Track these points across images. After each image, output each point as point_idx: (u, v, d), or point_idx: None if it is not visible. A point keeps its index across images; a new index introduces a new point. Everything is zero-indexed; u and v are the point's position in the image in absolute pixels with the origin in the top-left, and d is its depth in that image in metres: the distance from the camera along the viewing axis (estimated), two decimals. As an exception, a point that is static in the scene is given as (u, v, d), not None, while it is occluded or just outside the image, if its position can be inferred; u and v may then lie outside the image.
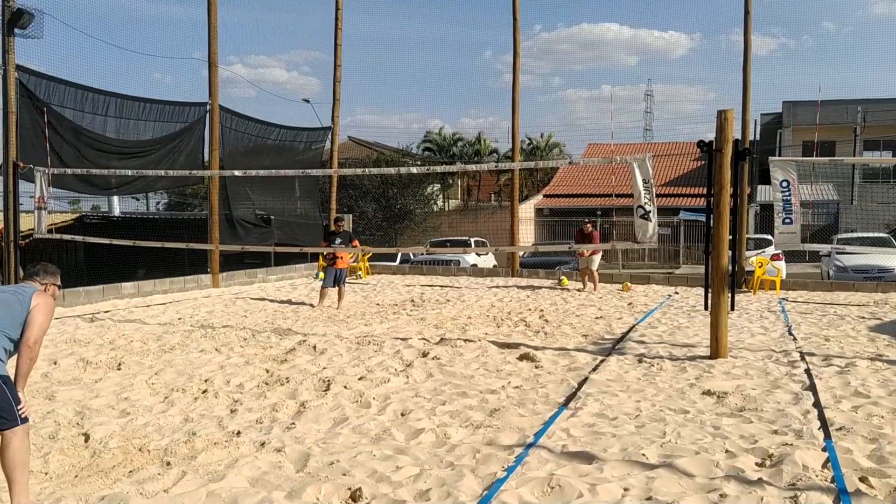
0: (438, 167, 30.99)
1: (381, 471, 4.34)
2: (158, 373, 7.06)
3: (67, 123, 12.81)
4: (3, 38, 11.19)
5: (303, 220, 20.01)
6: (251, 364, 7.47)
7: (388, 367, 7.24)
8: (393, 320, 10.64)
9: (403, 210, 32.19)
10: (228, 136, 16.21)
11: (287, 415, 5.65)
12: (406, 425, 5.28)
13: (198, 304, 12.55)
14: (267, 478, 4.25)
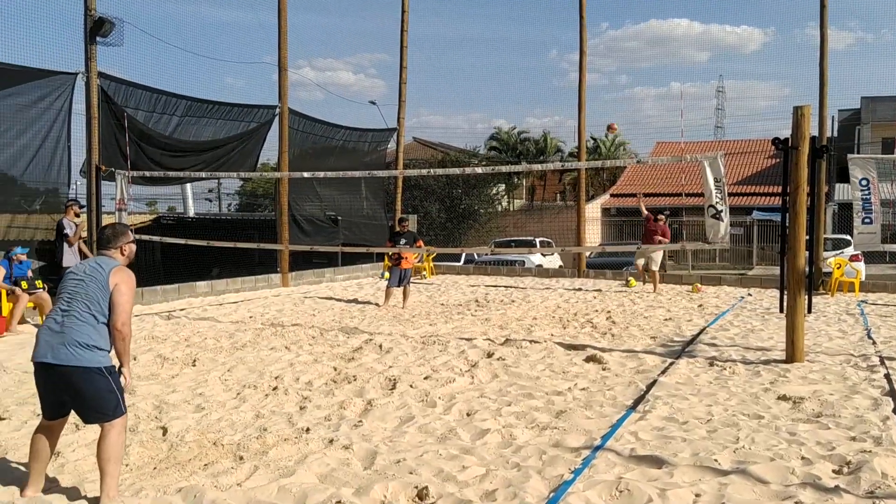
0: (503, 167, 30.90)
1: (447, 470, 4.35)
2: (231, 369, 7.26)
3: (143, 126, 13.27)
4: (86, 46, 11.70)
5: (369, 221, 20.27)
6: (319, 362, 7.60)
7: (453, 367, 7.27)
8: (457, 320, 10.67)
9: (468, 210, 32.23)
10: (296, 137, 16.54)
11: (354, 413, 5.74)
12: (471, 425, 5.29)
13: (268, 303, 12.85)
14: (335, 474, 4.32)
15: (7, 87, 11.11)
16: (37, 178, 11.96)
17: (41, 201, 12.14)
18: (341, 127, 18.85)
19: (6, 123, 11.37)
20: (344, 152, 19.00)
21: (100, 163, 12.11)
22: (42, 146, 11.68)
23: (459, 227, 31.80)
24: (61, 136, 11.85)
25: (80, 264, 4.18)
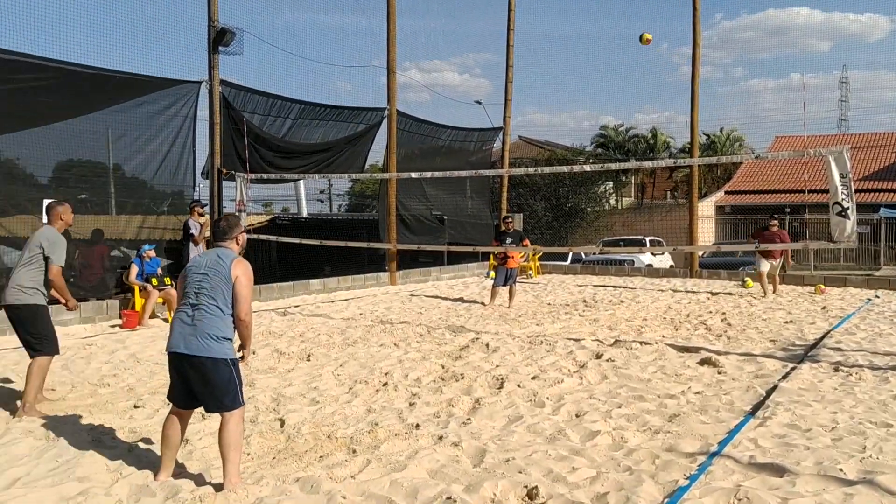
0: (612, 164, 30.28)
1: (556, 471, 4.32)
2: (343, 365, 7.48)
3: (258, 130, 13.84)
4: (209, 56, 12.35)
5: (474, 220, 20.36)
6: (427, 359, 7.71)
7: (561, 368, 7.20)
8: (565, 320, 10.57)
9: (575, 209, 31.80)
10: (403, 138, 16.82)
11: (462, 410, 5.79)
12: (581, 426, 5.23)
13: (377, 301, 13.15)
14: (445, 470, 4.37)
15: (139, 97, 11.87)
16: (165, 182, 12.72)
17: (168, 203, 12.91)
18: (447, 127, 19.05)
19: (138, 130, 12.17)
20: (450, 152, 19.18)
21: (221, 166, 12.74)
22: (170, 151, 12.42)
23: (566, 226, 31.41)
24: (187, 141, 12.56)
25: (200, 258, 4.39)
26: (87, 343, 8.93)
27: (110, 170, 12.74)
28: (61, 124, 11.42)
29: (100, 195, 12.74)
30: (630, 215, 35.44)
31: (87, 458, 4.60)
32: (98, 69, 11.02)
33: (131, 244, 11.91)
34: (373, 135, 16.50)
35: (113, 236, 12.30)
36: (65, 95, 11.00)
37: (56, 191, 11.26)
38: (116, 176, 12.73)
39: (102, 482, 4.23)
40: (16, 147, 11.30)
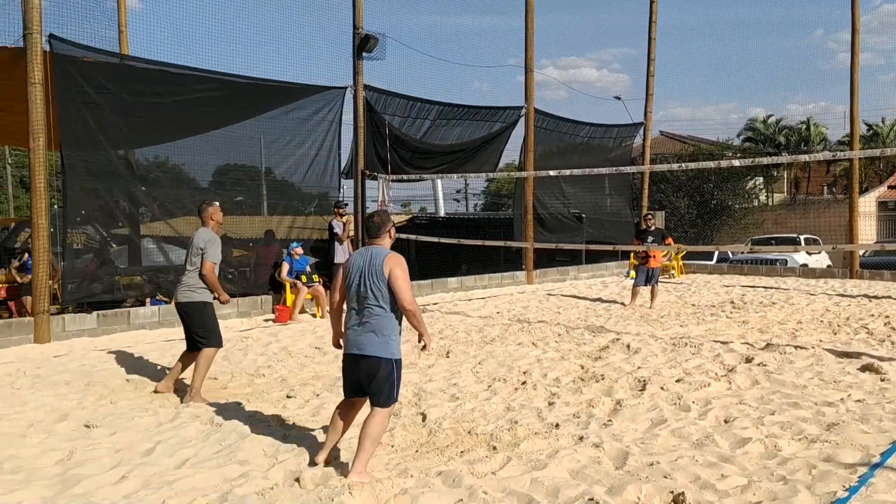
0: (763, 158, 28.68)
1: (704, 477, 4.17)
2: (481, 362, 7.56)
3: (398, 132, 14.22)
4: (354, 62, 12.84)
5: (613, 218, 19.95)
6: (566, 359, 7.64)
7: (707, 371, 6.92)
8: (711, 322, 10.14)
9: (720, 205, 30.36)
10: (540, 135, 16.73)
11: (603, 411, 5.69)
12: (730, 433, 5.01)
13: (514, 300, 13.17)
14: (586, 471, 4.32)
15: (289, 104, 12.54)
16: (312, 184, 13.36)
17: (315, 204, 13.54)
18: (585, 124, 18.77)
19: (288, 136, 12.86)
20: (588, 149, 18.88)
21: (364, 168, 13.22)
22: (317, 155, 13.03)
23: (711, 224, 30.06)
24: (333, 144, 13.13)
25: (356, 257, 4.52)
26: (244, 336, 9.54)
27: (262, 173, 13.55)
28: (220, 131, 12.26)
29: (253, 197, 13.58)
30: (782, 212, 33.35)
31: (246, 443, 4.93)
32: (254, 79, 11.74)
33: (282, 243, 12.61)
34: (509, 133, 16.53)
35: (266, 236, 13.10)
36: (224, 104, 11.80)
37: (215, 193, 12.11)
38: (268, 179, 13.53)
39: (260, 466, 4.51)
40: (181, 153, 12.28)
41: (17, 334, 8.92)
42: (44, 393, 6.50)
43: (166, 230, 11.90)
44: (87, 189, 10.44)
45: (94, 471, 4.46)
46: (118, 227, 11.89)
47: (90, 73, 9.93)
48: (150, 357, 8.13)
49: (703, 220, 29.96)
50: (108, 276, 11.02)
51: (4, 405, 6.07)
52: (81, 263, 11.19)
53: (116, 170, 11.00)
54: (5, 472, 4.50)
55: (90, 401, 6.21)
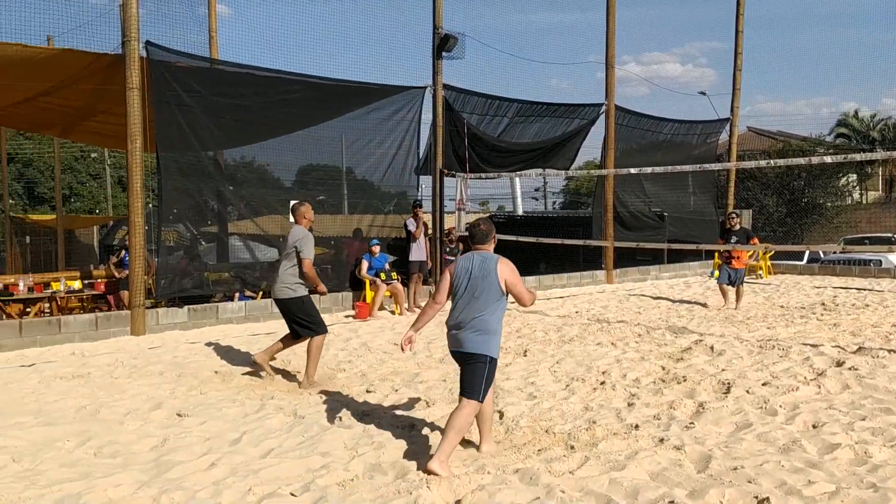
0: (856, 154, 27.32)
1: (790, 483, 4.03)
2: (559, 362, 7.51)
3: (475, 130, 14.24)
4: (433, 61, 12.94)
5: (697, 217, 19.43)
6: (646, 360, 7.52)
7: (795, 375, 6.68)
8: (800, 324, 9.76)
9: (811, 204, 29.13)
10: (620, 133, 16.46)
11: (685, 414, 5.58)
12: (818, 438, 4.82)
13: (593, 299, 13.02)
14: (667, 474, 4.25)
15: (370, 104, 12.75)
16: (391, 183, 13.55)
17: (394, 203, 13.73)
18: (668, 120, 18.34)
19: (369, 135, 13.09)
20: (671, 146, 18.44)
21: (443, 166, 13.31)
22: (396, 154, 13.21)
23: (801, 223, 28.86)
24: (412, 144, 13.27)
25: (463, 262, 4.76)
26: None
27: (343, 172, 13.84)
28: (304, 132, 12.60)
29: (335, 196, 13.88)
30: (877, 211, 31.76)
31: (328, 435, 5.07)
32: (336, 80, 11.99)
33: (362, 241, 12.85)
34: (587, 131, 16.30)
35: (346, 234, 13.39)
36: (308, 106, 12.11)
37: (298, 193, 12.45)
38: (349, 178, 13.80)
39: (341, 458, 4.63)
40: (267, 154, 12.69)
41: (115, 326, 9.41)
42: (140, 382, 6.85)
43: (252, 228, 12.31)
44: (180, 189, 10.92)
45: (185, 457, 4.68)
46: (207, 225, 12.39)
47: (183, 77, 10.37)
48: (237, 350, 8.44)
49: (793, 218, 28.82)
50: (198, 272, 11.49)
51: (105, 393, 6.43)
52: (174, 260, 11.72)
53: (206, 170, 11.46)
54: (105, 457, 4.77)
55: (182, 391, 6.50)
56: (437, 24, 12.77)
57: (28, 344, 8.72)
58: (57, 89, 10.70)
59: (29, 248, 24.38)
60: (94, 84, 10.37)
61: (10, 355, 8.33)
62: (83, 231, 27.15)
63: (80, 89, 10.69)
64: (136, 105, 9.44)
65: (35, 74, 9.97)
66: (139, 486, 4.19)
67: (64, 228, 22.08)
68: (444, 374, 7.04)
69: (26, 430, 5.30)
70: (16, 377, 7.17)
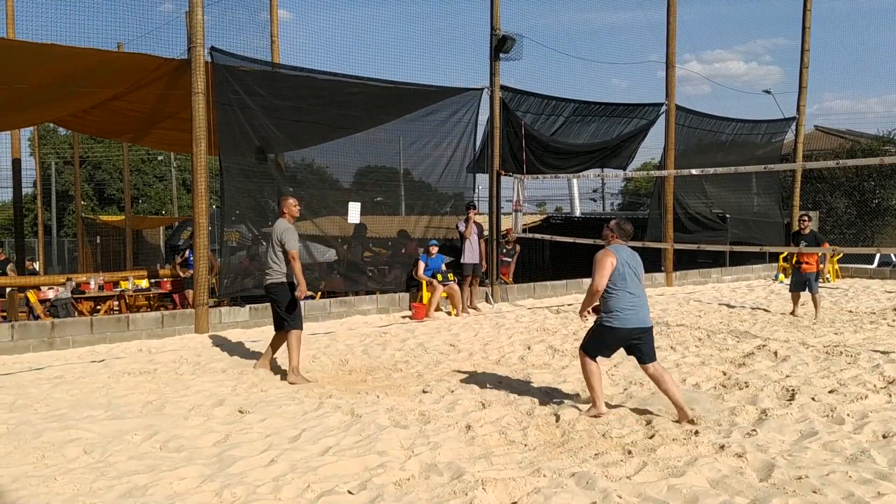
0: (930, 154, 26.19)
1: (858, 494, 3.90)
2: (616, 365, 7.42)
3: (533, 131, 14.15)
4: (491, 63, 12.92)
5: (760, 218, 18.92)
6: (707, 365, 7.37)
7: (864, 382, 6.45)
8: (870, 330, 9.42)
9: (883, 205, 28.04)
10: (681, 133, 16.16)
11: (747, 420, 5.45)
12: (889, 448, 4.65)
13: (652, 302, 12.77)
14: (727, 481, 4.16)
15: (427, 105, 12.81)
16: (448, 184, 13.58)
17: (451, 204, 13.76)
18: (731, 120, 17.90)
19: (426, 137, 13.14)
20: (733, 146, 18.00)
21: (499, 168, 13.29)
22: (453, 156, 13.23)
23: (872, 225, 27.82)
24: (468, 145, 13.28)
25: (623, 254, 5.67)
26: (382, 331, 9.87)
27: (401, 174, 13.94)
28: (362, 134, 12.74)
29: (392, 198, 13.99)
30: (957, 211, 30.36)
31: (384, 434, 5.12)
32: (394, 83, 12.08)
33: (420, 242, 12.93)
34: (646, 131, 16.05)
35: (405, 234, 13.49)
36: (366, 108, 12.24)
37: (356, 194, 12.60)
38: (406, 179, 13.89)
39: (397, 457, 4.67)
40: (326, 155, 12.88)
41: (180, 324, 9.69)
42: (203, 379, 7.04)
43: (311, 229, 12.51)
44: (242, 190, 11.17)
45: (246, 453, 4.79)
46: (268, 226, 12.63)
47: (245, 81, 10.61)
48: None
49: (863, 220, 27.80)
50: (260, 272, 11.73)
51: (170, 389, 6.63)
52: (236, 260, 12.00)
53: (267, 172, 11.69)
54: (170, 451, 4.92)
55: (243, 388, 6.66)
56: (494, 26, 12.76)
57: (98, 340, 9.06)
58: (126, 93, 11.08)
59: (99, 247, 25.32)
60: (161, 89, 10.71)
61: (82, 351, 8.66)
62: (150, 231, 28.03)
63: (147, 93, 11.05)
64: (201, 109, 9.71)
65: (106, 79, 10.34)
66: (202, 480, 4.31)
67: (132, 229, 22.85)
68: (500, 376, 7.03)
69: (97, 423, 5.52)
70: (87, 372, 7.47)
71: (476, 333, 9.68)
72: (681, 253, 15.80)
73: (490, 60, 12.93)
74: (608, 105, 15.27)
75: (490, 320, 10.92)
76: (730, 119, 17.89)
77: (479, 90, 13.09)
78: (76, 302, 12.06)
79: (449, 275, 11.70)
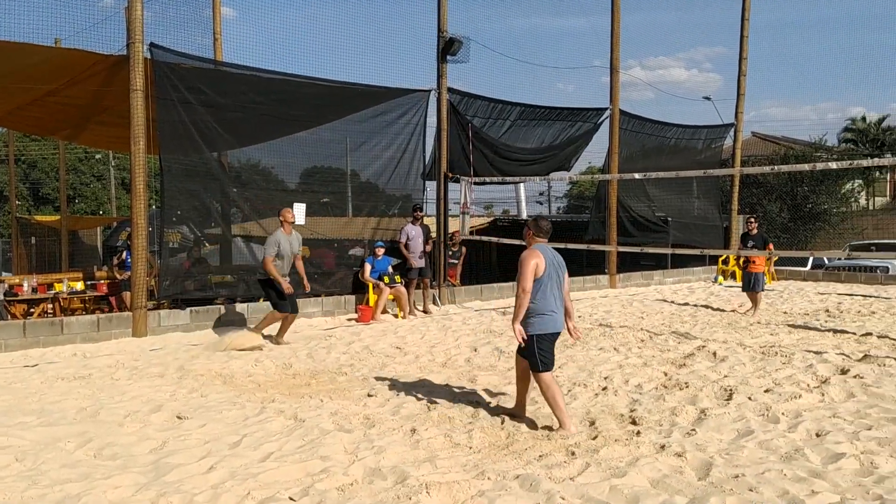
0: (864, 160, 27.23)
1: (793, 492, 4.00)
2: (562, 367, 7.47)
3: (481, 133, 14.19)
4: (438, 65, 12.92)
5: (701, 222, 19.38)
6: (649, 366, 7.49)
7: (798, 382, 6.64)
8: (804, 331, 9.72)
9: (815, 210, 29.04)
10: (624, 137, 16.42)
11: (687, 420, 5.55)
12: (822, 447, 4.79)
13: (596, 304, 12.98)
14: (668, 481, 4.22)
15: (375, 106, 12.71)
16: (396, 186, 13.51)
17: (398, 206, 13.70)
18: (672, 125, 18.29)
19: (374, 139, 13.05)
20: (675, 151, 18.41)
21: (447, 170, 13.29)
22: (402, 157, 13.17)
23: (805, 229, 28.80)
24: (417, 147, 13.24)
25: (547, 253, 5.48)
26: (327, 334, 9.76)
27: (348, 175, 13.80)
28: (308, 135, 12.57)
29: (339, 199, 13.85)
30: (884, 217, 31.66)
31: (328, 439, 5.05)
32: (341, 83, 11.97)
33: (367, 244, 12.82)
34: (591, 135, 16.25)
35: (351, 237, 13.36)
36: (312, 108, 12.09)
37: (302, 195, 12.42)
38: (353, 181, 13.76)
39: (341, 462, 4.61)
40: (271, 156, 12.67)
41: (117, 328, 9.41)
42: (140, 384, 6.84)
43: (256, 230, 12.29)
44: (183, 190, 10.91)
45: (184, 460, 4.67)
46: (211, 227, 12.37)
47: (187, 79, 10.37)
48: (240, 353, 8.42)
49: (797, 224, 28.75)
50: (201, 274, 11.48)
51: (105, 395, 6.42)
52: (176, 261, 11.71)
53: (210, 172, 11.44)
54: (104, 458, 4.76)
55: (182, 393, 6.49)
56: (441, 28, 12.77)
57: (31, 344, 8.74)
58: (62, 89, 10.73)
59: (34, 248, 24.43)
60: (98, 85, 10.40)
61: (15, 355, 8.34)
62: (87, 232, 27.19)
63: (84, 89, 10.72)
64: (140, 107, 9.45)
65: (42, 75, 10.00)
66: (138, 489, 4.18)
67: (68, 229, 22.12)
68: (446, 378, 7.02)
69: (29, 429, 5.31)
70: (20, 377, 7.19)
71: (423, 336, 9.65)
72: (624, 255, 16.07)
73: (437, 62, 12.93)
74: (554, 109, 15.42)
75: (437, 322, 10.91)
76: (671, 124, 18.28)
77: (427, 92, 13.08)
78: (9, 305, 11.61)
79: (396, 277, 11.64)
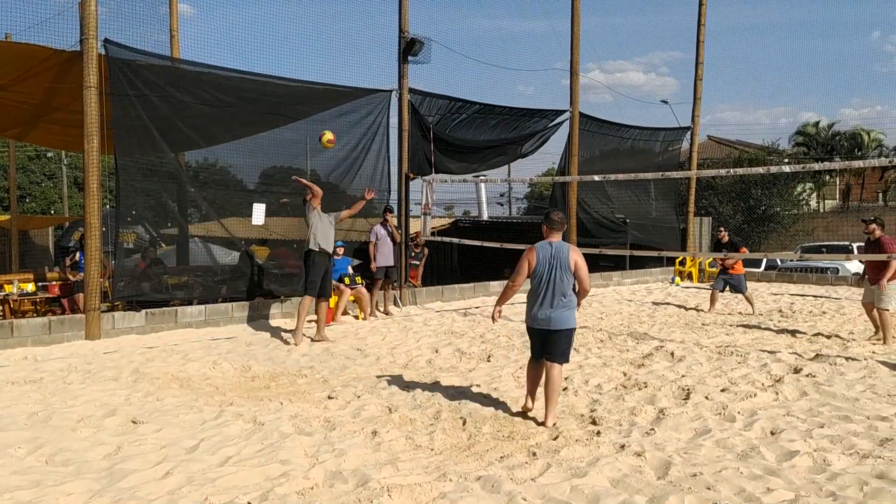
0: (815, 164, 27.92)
1: (749, 490, 4.08)
2: (522, 367, 7.47)
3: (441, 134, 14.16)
4: (399, 65, 12.89)
5: (659, 223, 19.67)
6: (608, 366, 7.56)
7: (753, 381, 6.77)
8: (758, 331, 9.93)
9: (768, 212, 29.73)
10: (584, 139, 16.55)
11: (646, 420, 5.62)
12: (777, 445, 4.89)
13: (556, 305, 13.04)
14: (627, 480, 4.27)
15: (336, 106, 12.60)
16: (360, 187, 13.38)
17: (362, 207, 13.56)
18: (631, 127, 18.51)
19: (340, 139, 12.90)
20: (633, 153, 18.64)
21: (408, 171, 13.25)
22: (365, 158, 13.07)
23: (758, 231, 29.47)
24: (380, 148, 13.14)
25: (542, 250, 5.55)
26: (288, 336, 9.64)
27: (308, 175, 13.65)
28: (268, 135, 12.40)
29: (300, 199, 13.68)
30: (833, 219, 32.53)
31: (288, 442, 4.99)
32: (302, 82, 11.84)
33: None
34: (550, 133, 16.33)
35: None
36: (273, 108, 11.92)
37: (262, 195, 12.24)
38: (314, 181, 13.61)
39: (301, 466, 4.55)
40: (230, 155, 12.46)
41: (70, 330, 9.17)
42: (94, 388, 6.67)
43: (215, 230, 12.10)
44: (139, 189, 10.67)
45: (139, 466, 4.56)
46: (167, 227, 12.14)
47: (143, 76, 10.15)
48: (196, 355, 8.28)
49: (750, 226, 29.40)
50: (157, 276, 11.25)
51: (56, 399, 6.25)
52: (131, 262, 11.45)
53: (167, 171, 11.22)
54: (56, 465, 4.63)
55: (137, 397, 6.35)
56: (402, 28, 12.73)
57: (-22, 348, 8.46)
58: (11, 85, 10.42)
59: (-18, 248, 23.69)
60: (50, 81, 10.13)
61: (-41, 360, 8.07)
62: (38, 232, 26.46)
63: (35, 85, 10.43)
64: (94, 104, 9.22)
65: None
66: (91, 496, 4.07)
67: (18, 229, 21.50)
68: (407, 380, 6.99)
69: (-26, 437, 5.13)
70: (-36, 382, 6.94)
71: (384, 337, 9.60)
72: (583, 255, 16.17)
73: (398, 63, 12.89)
74: (513, 109, 15.45)
75: (398, 324, 10.87)
76: (630, 126, 18.50)
77: (388, 92, 13.02)
78: (-46, 307, 11.22)
79: (357, 278, 11.56)
